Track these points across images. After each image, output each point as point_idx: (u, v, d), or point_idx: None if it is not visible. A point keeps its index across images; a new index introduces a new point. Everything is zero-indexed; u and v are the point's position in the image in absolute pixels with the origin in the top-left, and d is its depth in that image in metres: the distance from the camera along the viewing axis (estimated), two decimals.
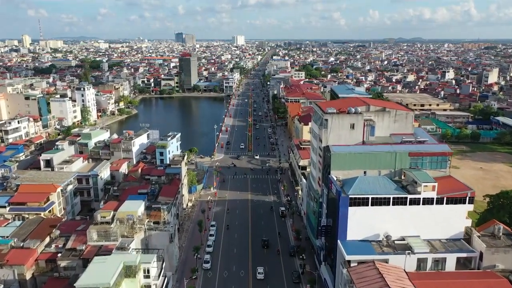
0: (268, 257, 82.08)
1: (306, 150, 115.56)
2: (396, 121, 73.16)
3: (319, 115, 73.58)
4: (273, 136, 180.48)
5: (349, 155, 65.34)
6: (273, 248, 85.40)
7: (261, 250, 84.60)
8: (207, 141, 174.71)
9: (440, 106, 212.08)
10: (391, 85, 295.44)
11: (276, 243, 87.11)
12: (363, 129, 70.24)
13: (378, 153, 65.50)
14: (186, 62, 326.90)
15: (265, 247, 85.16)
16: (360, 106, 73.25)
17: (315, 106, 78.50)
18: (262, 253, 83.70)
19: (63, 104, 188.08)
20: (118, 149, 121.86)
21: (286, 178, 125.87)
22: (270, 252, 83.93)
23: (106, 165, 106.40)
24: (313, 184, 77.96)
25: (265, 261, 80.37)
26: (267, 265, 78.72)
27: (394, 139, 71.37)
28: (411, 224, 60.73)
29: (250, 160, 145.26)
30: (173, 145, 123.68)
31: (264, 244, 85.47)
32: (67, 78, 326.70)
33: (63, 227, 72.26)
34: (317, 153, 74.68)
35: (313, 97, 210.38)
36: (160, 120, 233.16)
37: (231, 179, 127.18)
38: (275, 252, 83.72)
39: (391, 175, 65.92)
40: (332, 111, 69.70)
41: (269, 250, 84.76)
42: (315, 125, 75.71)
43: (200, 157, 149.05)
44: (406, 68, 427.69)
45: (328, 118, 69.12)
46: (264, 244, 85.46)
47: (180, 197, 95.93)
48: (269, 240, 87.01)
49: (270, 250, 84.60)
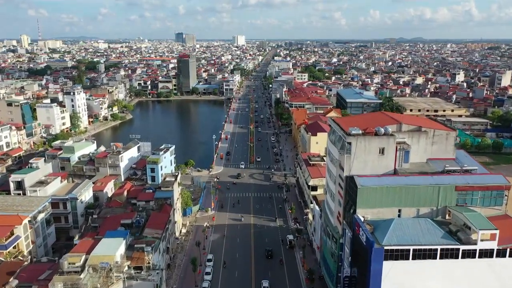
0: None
1: (316, 167, 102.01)
2: (434, 143, 59.41)
3: (339, 136, 59.85)
4: (276, 145, 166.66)
5: (380, 190, 51.69)
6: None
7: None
8: (205, 151, 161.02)
9: (455, 111, 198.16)
10: (399, 88, 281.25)
11: (284, 285, 73.24)
12: (395, 154, 56.48)
13: (416, 187, 51.80)
14: (184, 64, 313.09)
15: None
16: (390, 124, 59.50)
17: (332, 123, 64.71)
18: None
19: (50, 110, 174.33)
20: (104, 165, 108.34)
21: (293, 197, 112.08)
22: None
23: (88, 185, 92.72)
24: (331, 219, 64.18)
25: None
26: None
27: (433, 166, 57.65)
28: (464, 282, 47.03)
29: (252, 175, 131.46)
30: (166, 159, 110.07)
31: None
32: (61, 80, 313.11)
33: (24, 274, 58.63)
34: (336, 182, 60.92)
35: (319, 102, 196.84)
36: (155, 127, 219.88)
37: (231, 197, 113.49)
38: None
39: (432, 214, 52.28)
40: (357, 132, 55.90)
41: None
42: (333, 147, 61.88)
43: (197, 170, 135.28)
44: (412, 70, 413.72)
45: (352, 141, 55.36)
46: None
47: (171, 225, 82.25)
48: (275, 282, 73.05)
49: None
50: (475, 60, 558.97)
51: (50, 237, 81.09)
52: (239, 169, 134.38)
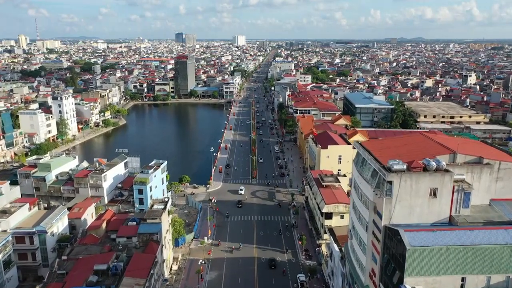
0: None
1: (330, 190, 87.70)
2: (500, 179, 44.95)
3: (373, 170, 45.41)
4: (281, 155, 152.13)
5: (437, 252, 37.36)
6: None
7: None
8: (203, 162, 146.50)
9: (473, 118, 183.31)
10: (408, 91, 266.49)
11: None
12: (451, 197, 42.02)
13: (488, 247, 37.38)
14: (182, 65, 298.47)
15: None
16: (440, 154, 45.04)
17: (361, 149, 50.18)
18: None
19: (34, 117, 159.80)
20: (85, 185, 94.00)
21: (302, 221, 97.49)
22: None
23: (62, 213, 78.32)
24: (360, 275, 49.68)
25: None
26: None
27: (500, 211, 43.18)
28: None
29: (254, 192, 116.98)
30: (156, 178, 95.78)
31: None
32: (53, 83, 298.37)
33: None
34: (368, 230, 46.42)
35: (326, 108, 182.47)
36: (150, 134, 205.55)
37: (231, 221, 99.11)
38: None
39: (509, 284, 37.79)
40: (401, 167, 41.41)
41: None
42: (364, 184, 47.32)
43: (194, 186, 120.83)
44: (418, 71, 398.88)
45: (394, 180, 40.90)
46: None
47: (158, 267, 67.75)
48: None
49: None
50: (482, 61, 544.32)
51: (10, 282, 66.73)
52: (239, 188, 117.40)
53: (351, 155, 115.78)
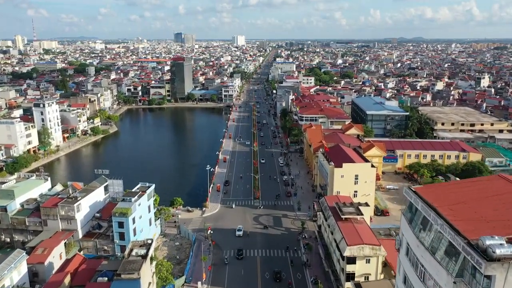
0: None
1: (351, 224, 71.94)
2: None
3: (448, 242, 29.52)
4: (286, 170, 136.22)
5: None
6: None
7: None
8: (199, 180, 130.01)
9: (495, 125, 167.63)
10: (418, 95, 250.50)
11: None
12: None
13: None
14: (179, 67, 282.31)
15: None
16: None
17: (418, 203, 34.28)
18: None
19: (12, 127, 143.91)
20: (54, 217, 78.31)
21: (316, 257, 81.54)
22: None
23: (20, 258, 62.58)
24: None
25: None
26: None
27: None
28: None
29: (257, 218, 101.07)
30: (141, 207, 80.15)
31: None
32: (42, 86, 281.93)
33: None
34: None
35: (335, 115, 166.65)
36: (142, 143, 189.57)
37: (230, 256, 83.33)
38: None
39: None
40: (505, 251, 25.54)
41: None
42: (427, 258, 31.43)
43: (187, 210, 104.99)
44: (425, 72, 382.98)
45: (497, 273, 25.04)
46: None
47: None
48: None
49: None
50: (488, 61, 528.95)
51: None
52: (238, 228, 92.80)
53: (370, 175, 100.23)
